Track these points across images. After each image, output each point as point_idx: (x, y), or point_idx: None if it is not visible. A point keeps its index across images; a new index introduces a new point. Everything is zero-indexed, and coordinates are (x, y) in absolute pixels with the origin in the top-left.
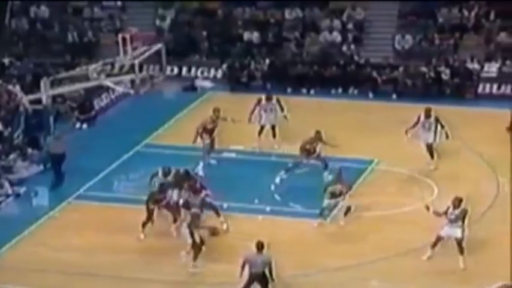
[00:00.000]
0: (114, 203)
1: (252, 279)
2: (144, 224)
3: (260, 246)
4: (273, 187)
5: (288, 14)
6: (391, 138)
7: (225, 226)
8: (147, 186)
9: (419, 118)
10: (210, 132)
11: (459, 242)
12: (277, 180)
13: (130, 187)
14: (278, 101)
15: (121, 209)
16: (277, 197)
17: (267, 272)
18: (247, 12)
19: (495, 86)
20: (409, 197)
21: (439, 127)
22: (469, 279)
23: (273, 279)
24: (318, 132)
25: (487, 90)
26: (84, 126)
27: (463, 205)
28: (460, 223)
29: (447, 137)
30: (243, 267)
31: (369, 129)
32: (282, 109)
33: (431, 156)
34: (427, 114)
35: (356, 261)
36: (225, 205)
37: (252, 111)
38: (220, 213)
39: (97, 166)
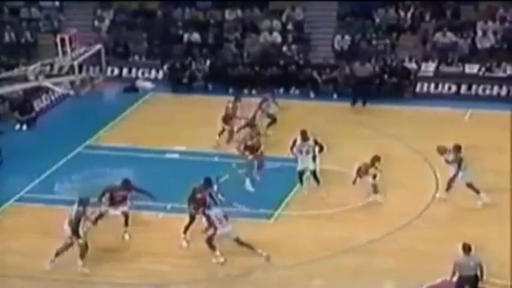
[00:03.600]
0: (56, 205)
1: (463, 283)
2: (185, 230)
3: (468, 249)
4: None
5: (228, 15)
6: (333, 138)
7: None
8: (89, 188)
9: (294, 142)
10: (251, 148)
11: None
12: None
13: (72, 189)
14: (316, 142)
15: (63, 211)
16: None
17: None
18: (187, 12)
19: (432, 85)
20: (351, 196)
21: (316, 150)
22: (410, 276)
23: (482, 280)
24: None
25: (425, 89)
26: (24, 127)
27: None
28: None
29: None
30: (454, 272)
31: (311, 129)
32: (321, 149)
33: (317, 182)
34: (304, 137)
35: (299, 260)
36: (168, 206)
37: (291, 148)
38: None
39: (38, 168)
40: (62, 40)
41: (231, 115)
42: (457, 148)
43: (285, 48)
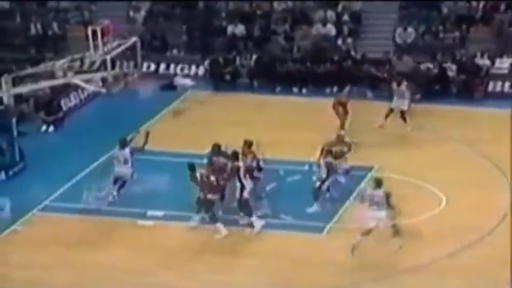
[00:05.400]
0: (84, 215)
1: None
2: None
3: None
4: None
5: (276, 5)
6: (394, 143)
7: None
8: (120, 195)
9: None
10: (335, 155)
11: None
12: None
13: (101, 198)
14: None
15: (91, 222)
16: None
17: None
18: (231, 3)
19: (507, 84)
20: (414, 207)
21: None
22: None
23: None
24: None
25: (498, 88)
26: (51, 129)
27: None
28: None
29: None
30: None
31: (370, 132)
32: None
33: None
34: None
35: (355, 279)
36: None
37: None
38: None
39: (65, 174)
40: (93, 32)
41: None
42: None
43: (339, 42)
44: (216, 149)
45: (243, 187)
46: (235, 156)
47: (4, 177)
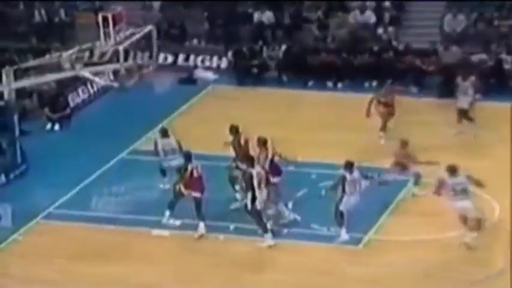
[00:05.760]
0: (93, 224)
1: None
2: None
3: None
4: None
5: None
6: (444, 145)
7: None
8: (134, 202)
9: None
10: (402, 165)
11: None
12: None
13: (112, 204)
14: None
15: (101, 231)
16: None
17: None
18: None
19: None
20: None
21: None
22: None
23: None
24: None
25: None
26: (57, 127)
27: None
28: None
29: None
30: None
31: (414, 133)
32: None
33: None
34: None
35: None
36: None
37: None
38: None
39: (72, 177)
40: (105, 20)
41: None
42: None
43: (380, 31)
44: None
45: (254, 197)
46: (249, 160)
47: (4, 181)
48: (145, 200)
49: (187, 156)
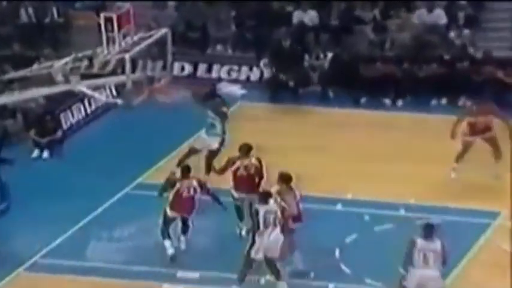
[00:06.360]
0: (88, 276)
1: None
2: None
3: None
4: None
5: None
6: None
7: None
8: (139, 249)
9: None
10: None
11: None
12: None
13: (113, 251)
14: None
15: (98, 286)
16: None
17: None
18: None
19: None
20: None
21: None
22: None
23: None
24: None
25: None
26: (46, 154)
27: None
28: None
29: None
30: None
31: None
32: None
33: None
34: None
35: None
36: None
37: None
38: None
39: (63, 218)
40: (108, 21)
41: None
42: None
43: (452, 34)
44: None
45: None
46: (263, 195)
47: None
48: (154, 246)
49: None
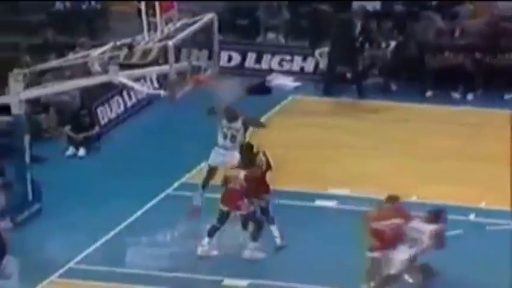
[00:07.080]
0: (125, 284)
1: None
2: None
3: None
4: None
5: None
6: None
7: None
8: (181, 255)
9: None
10: None
11: None
12: None
13: (153, 257)
14: None
15: None
16: None
17: None
18: None
19: None
20: None
21: None
22: None
23: None
24: None
25: None
26: (81, 152)
27: None
28: None
29: None
30: None
31: None
32: None
33: None
34: None
35: None
36: None
37: None
38: None
39: (100, 221)
40: (149, 6)
41: None
42: None
43: None
44: None
45: None
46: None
47: (10, 225)
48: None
49: None
